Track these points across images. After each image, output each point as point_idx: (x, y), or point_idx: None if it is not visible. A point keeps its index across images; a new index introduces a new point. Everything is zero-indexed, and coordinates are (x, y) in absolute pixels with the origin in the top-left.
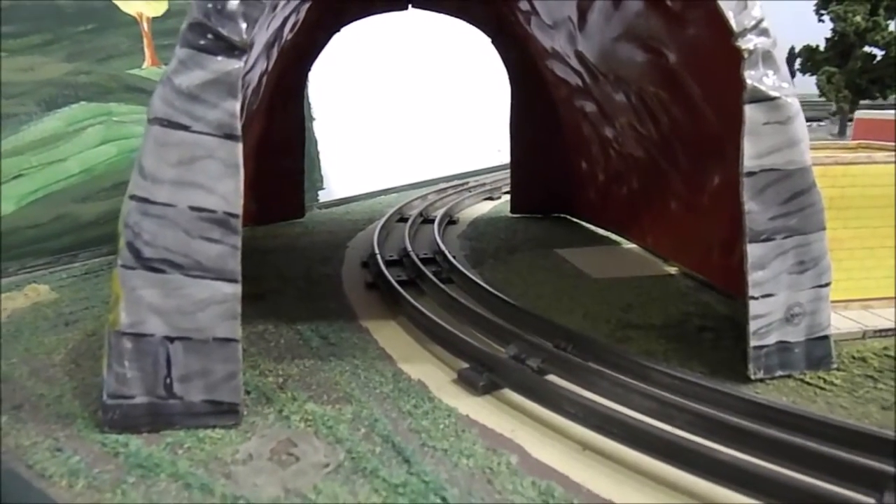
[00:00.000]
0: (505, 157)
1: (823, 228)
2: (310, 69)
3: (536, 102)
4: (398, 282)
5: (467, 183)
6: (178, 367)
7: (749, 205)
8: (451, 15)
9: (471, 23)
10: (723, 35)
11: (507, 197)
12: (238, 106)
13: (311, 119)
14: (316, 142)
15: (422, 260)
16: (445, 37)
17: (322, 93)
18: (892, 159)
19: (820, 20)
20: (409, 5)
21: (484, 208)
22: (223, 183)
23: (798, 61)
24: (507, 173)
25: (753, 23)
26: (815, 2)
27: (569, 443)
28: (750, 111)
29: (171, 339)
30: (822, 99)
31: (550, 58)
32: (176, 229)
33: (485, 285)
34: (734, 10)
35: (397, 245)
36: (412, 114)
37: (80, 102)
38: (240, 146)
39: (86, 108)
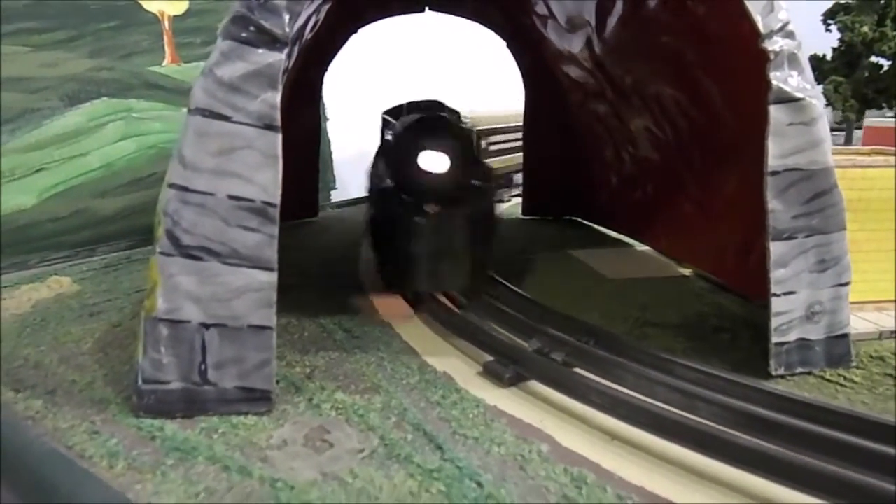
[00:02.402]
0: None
1: (844, 228)
2: (327, 70)
3: (550, 105)
4: None
5: None
6: (213, 354)
7: (772, 203)
8: (467, 18)
9: (487, 26)
10: (746, 37)
11: (517, 199)
12: (278, 98)
13: (325, 119)
14: (329, 142)
15: None
16: (461, 39)
17: (335, 93)
18: None
19: (827, 30)
20: (426, 8)
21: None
22: (262, 173)
23: None
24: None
25: (780, 25)
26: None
27: (597, 433)
28: (775, 111)
29: (207, 326)
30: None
31: (566, 61)
32: (214, 217)
33: (503, 281)
34: (761, 13)
35: None
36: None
37: (101, 98)
38: (279, 137)
39: (107, 103)
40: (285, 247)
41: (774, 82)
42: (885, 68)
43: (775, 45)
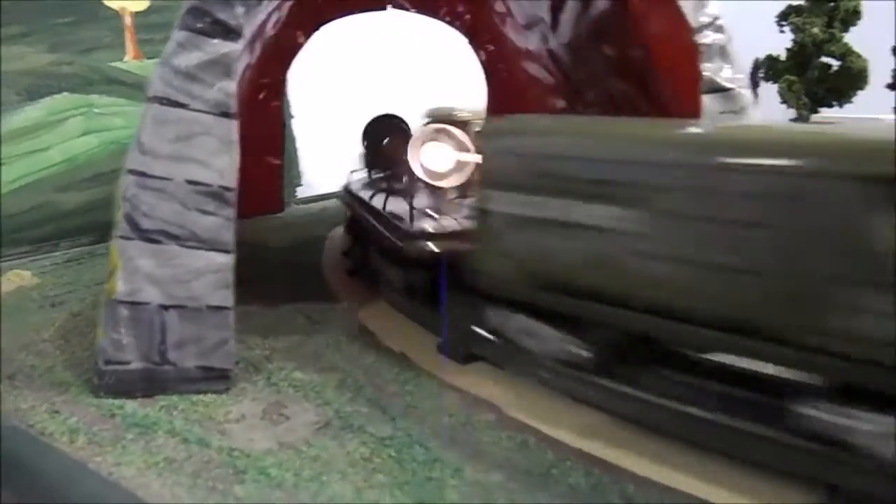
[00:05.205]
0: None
1: None
2: (290, 66)
3: (511, 102)
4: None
5: None
6: (173, 334)
7: None
8: (429, 15)
9: (448, 23)
10: (683, 32)
11: None
12: (234, 86)
13: (290, 116)
14: (294, 139)
15: None
16: (423, 36)
17: (301, 90)
18: None
19: (781, 31)
20: (388, 5)
21: None
22: (219, 158)
23: (761, 70)
24: None
25: (710, 20)
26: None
27: (541, 404)
28: (707, 100)
29: (167, 308)
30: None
31: (524, 58)
32: (173, 202)
33: None
34: (693, 9)
35: None
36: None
37: (62, 93)
38: (235, 123)
39: (68, 98)
40: (247, 241)
41: (706, 73)
42: (835, 68)
43: (706, 38)
